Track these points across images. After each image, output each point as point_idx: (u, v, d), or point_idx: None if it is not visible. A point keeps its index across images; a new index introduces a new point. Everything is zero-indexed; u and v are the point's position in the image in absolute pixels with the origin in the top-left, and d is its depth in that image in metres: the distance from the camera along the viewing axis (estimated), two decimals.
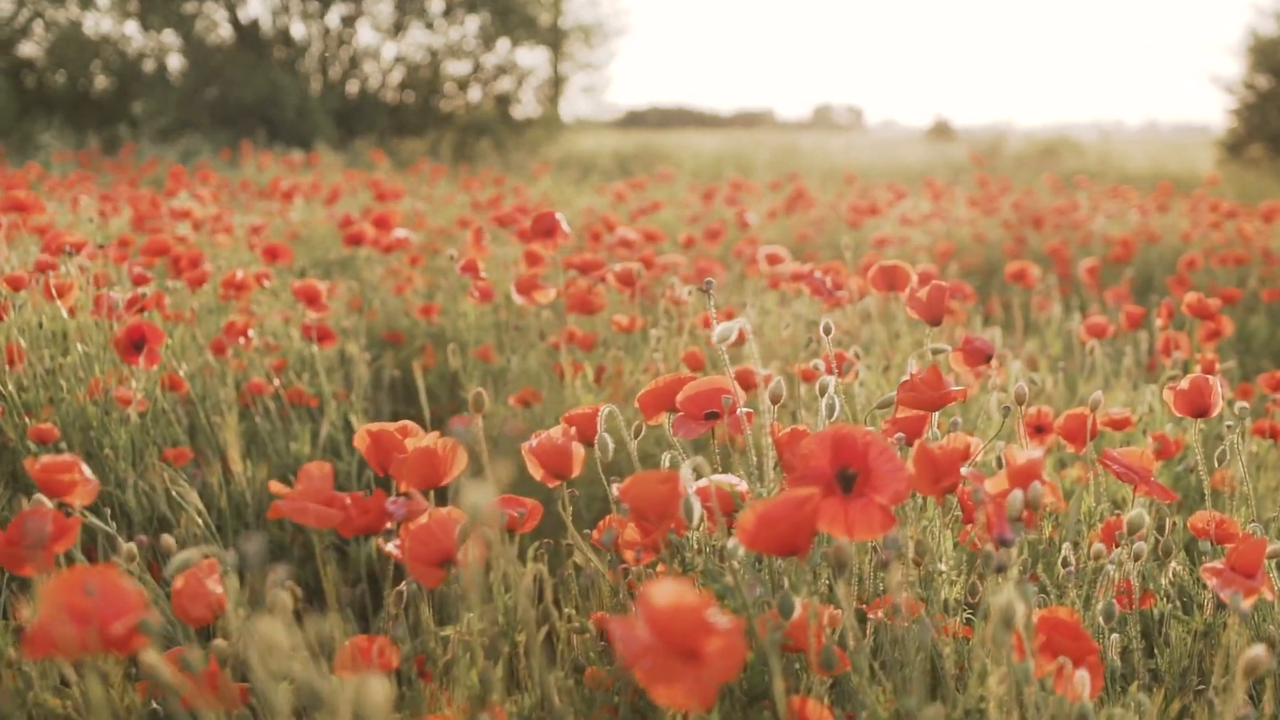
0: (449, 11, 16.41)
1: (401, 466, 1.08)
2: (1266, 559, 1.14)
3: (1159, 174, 12.35)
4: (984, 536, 0.93)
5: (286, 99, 14.37)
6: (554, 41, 17.28)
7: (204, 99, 14.66)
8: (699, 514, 0.96)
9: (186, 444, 2.21)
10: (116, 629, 0.67)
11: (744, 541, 0.87)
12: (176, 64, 15.40)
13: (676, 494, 0.96)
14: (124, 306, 2.10)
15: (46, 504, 1.05)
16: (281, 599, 0.89)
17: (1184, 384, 1.41)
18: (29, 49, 15.07)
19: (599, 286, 2.62)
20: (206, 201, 5.03)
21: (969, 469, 1.18)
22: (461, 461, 1.10)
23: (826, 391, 1.21)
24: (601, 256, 3.26)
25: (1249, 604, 1.08)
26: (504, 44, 16.82)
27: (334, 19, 15.96)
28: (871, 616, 1.14)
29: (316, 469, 1.00)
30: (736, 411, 1.15)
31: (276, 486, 1.00)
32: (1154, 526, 1.47)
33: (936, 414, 1.33)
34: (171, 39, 15.29)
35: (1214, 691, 1.00)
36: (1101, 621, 1.14)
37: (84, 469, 1.03)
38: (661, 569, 1.11)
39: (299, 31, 15.92)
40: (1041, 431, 1.85)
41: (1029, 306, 3.95)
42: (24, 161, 9.07)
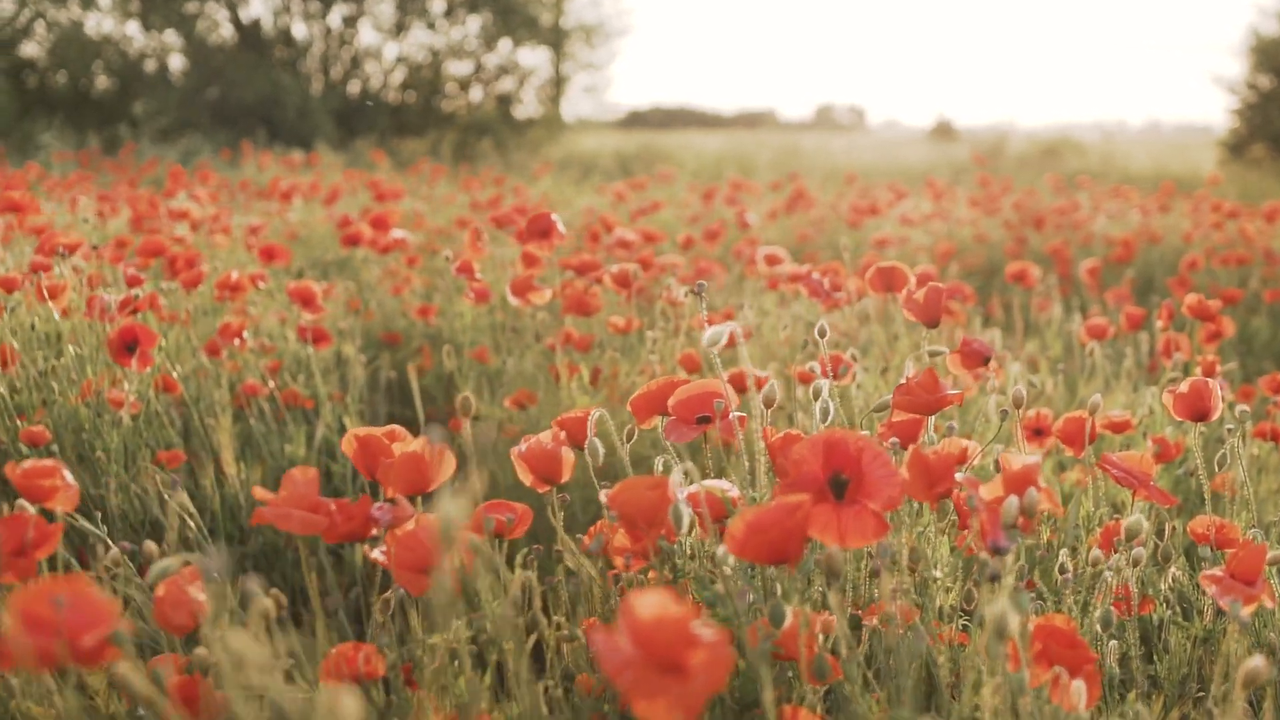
0: (450, 11, 16.39)
1: (388, 472, 1.06)
2: (1267, 566, 1.12)
3: (1161, 174, 12.31)
4: (979, 543, 0.92)
5: (288, 99, 14.36)
6: (556, 41, 17.25)
7: (205, 99, 14.66)
8: (688, 521, 0.95)
9: (180, 446, 2.20)
10: (87, 641, 0.66)
11: (733, 550, 0.86)
12: (178, 64, 15.40)
13: (665, 500, 0.94)
14: (116, 308, 2.09)
15: (29, 509, 1.04)
16: (262, 607, 0.88)
17: (1183, 387, 1.39)
18: (30, 49, 15.07)
19: (596, 288, 2.60)
20: (204, 202, 5.01)
21: (965, 474, 1.16)
22: (449, 467, 1.09)
23: (820, 396, 1.19)
24: (599, 257, 3.25)
25: (1249, 612, 1.07)
26: (506, 44, 16.81)
27: (335, 19, 15.96)
28: (867, 623, 1.12)
29: (300, 474, 0.99)
30: (729, 416, 1.13)
31: (260, 493, 0.99)
32: (1154, 531, 1.45)
33: (933, 418, 1.32)
34: (173, 39, 15.29)
35: (1213, 702, 0.98)
36: (1099, 629, 1.12)
37: (65, 474, 1.01)
38: (653, 576, 1.10)
39: (300, 31, 15.92)
40: (1040, 434, 1.83)
41: (1029, 307, 3.93)
42: (25, 162, 9.06)
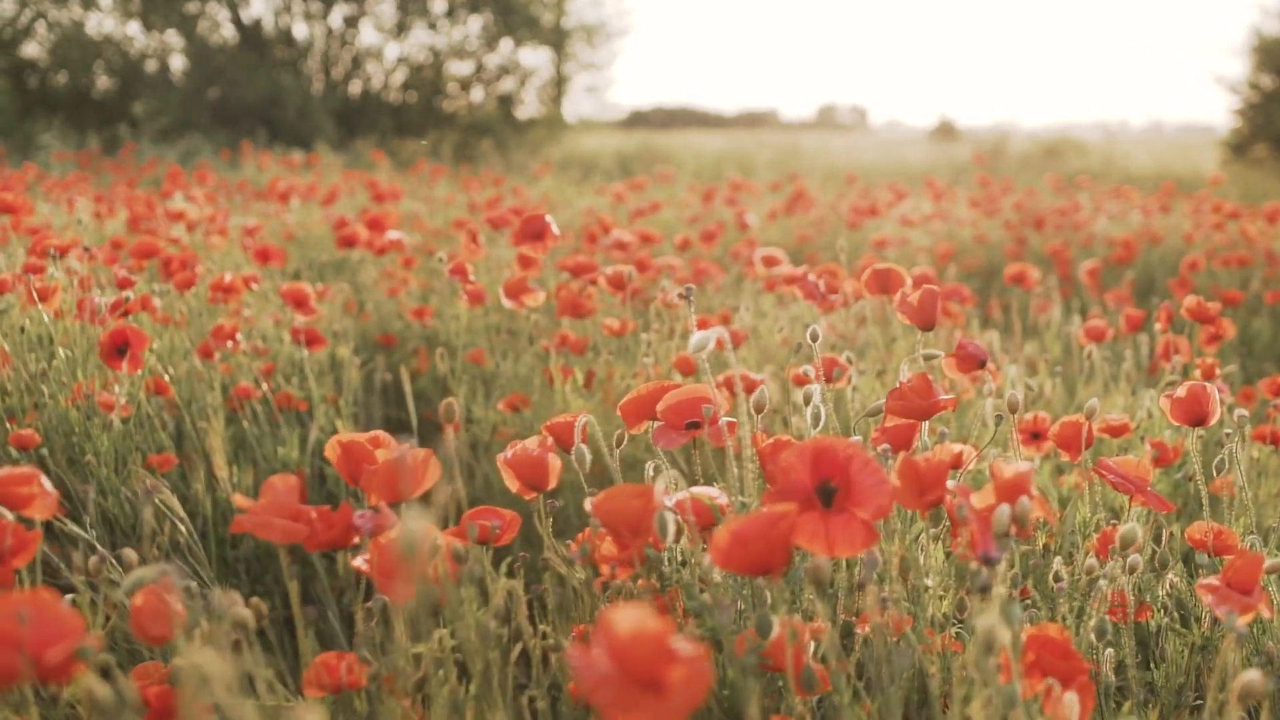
0: (452, 12, 16.39)
1: (371, 479, 1.05)
2: (1264, 574, 1.11)
3: (1163, 174, 12.28)
4: (969, 554, 0.90)
5: (288, 99, 14.35)
6: (557, 41, 17.23)
7: (206, 99, 14.65)
8: (674, 529, 0.93)
9: (172, 449, 2.18)
10: (51, 656, 0.64)
11: (717, 561, 0.84)
12: (179, 64, 15.40)
13: (650, 509, 0.93)
14: (108, 310, 2.07)
15: (7, 516, 1.02)
16: (239, 617, 0.86)
17: (1181, 392, 1.37)
18: (31, 49, 15.08)
19: (591, 290, 2.58)
20: (201, 203, 4.99)
21: (959, 480, 1.14)
22: (434, 473, 1.07)
23: (812, 400, 1.17)
24: (595, 259, 3.23)
25: (1245, 622, 1.05)
26: (507, 44, 16.80)
27: (336, 19, 15.96)
28: (859, 630, 1.11)
29: (281, 481, 0.97)
30: (718, 422, 1.11)
31: (241, 500, 0.97)
32: (1151, 536, 1.44)
33: (927, 423, 1.30)
34: (174, 39, 15.29)
35: (1209, 714, 0.96)
36: (1094, 639, 1.11)
37: (43, 481, 0.99)
38: (642, 584, 1.08)
39: (301, 32, 15.92)
40: (1038, 438, 1.81)
41: (1028, 309, 3.91)
42: (25, 162, 9.05)
